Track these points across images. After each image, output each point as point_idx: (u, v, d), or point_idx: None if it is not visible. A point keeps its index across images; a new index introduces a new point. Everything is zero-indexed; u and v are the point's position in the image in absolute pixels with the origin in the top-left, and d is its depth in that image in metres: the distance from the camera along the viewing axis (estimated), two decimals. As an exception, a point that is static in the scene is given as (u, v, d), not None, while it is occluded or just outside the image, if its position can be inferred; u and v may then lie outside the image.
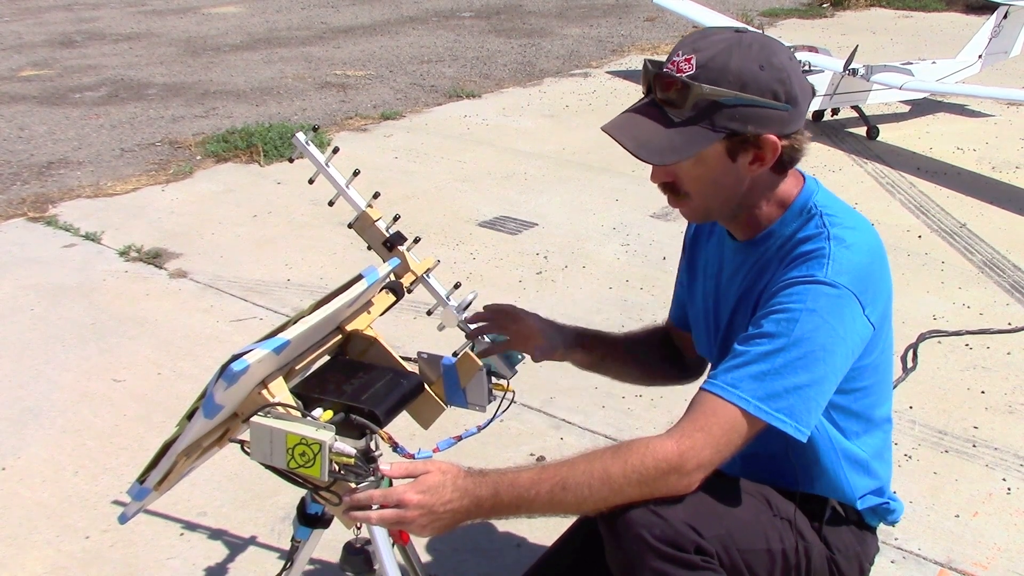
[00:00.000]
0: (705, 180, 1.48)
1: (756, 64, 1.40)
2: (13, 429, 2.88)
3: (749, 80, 1.40)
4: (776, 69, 1.42)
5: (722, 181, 1.48)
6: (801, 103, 1.46)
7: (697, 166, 1.46)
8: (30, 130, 6.33)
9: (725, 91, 1.39)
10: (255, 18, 10.82)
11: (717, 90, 1.39)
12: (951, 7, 11.12)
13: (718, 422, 1.39)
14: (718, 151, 1.44)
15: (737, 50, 1.41)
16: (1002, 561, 2.28)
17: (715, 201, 1.51)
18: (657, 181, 1.52)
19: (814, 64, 5.88)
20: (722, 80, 1.39)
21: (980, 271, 3.99)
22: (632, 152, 1.43)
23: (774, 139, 1.43)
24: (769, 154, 1.45)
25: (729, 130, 1.41)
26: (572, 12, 11.15)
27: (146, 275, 4.03)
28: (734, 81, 1.39)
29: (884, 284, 1.50)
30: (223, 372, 1.33)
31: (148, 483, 1.48)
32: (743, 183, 1.49)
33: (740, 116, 1.41)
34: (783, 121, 1.44)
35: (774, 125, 1.43)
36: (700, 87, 1.39)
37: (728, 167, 1.46)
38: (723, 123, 1.41)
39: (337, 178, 1.83)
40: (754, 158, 1.46)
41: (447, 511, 1.38)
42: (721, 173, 1.47)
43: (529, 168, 5.42)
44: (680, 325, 1.91)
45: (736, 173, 1.47)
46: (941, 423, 2.87)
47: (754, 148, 1.44)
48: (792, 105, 1.44)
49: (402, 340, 3.12)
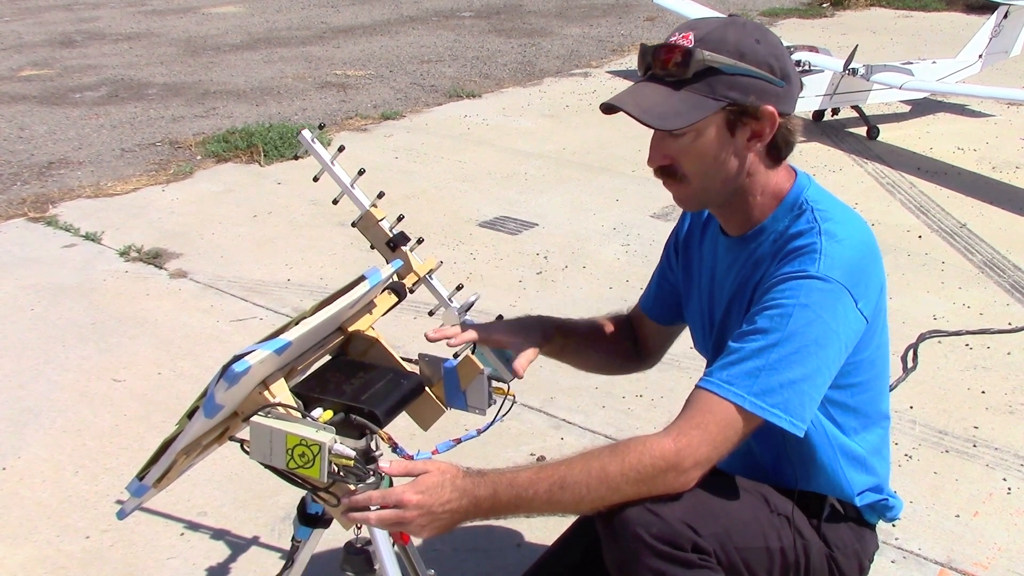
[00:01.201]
0: (705, 156, 1.48)
1: (752, 39, 1.44)
2: (13, 429, 2.89)
3: (747, 51, 1.43)
4: (771, 45, 1.46)
5: (721, 158, 1.48)
6: (794, 84, 1.48)
7: (697, 142, 1.46)
8: (30, 130, 6.33)
9: (724, 59, 1.42)
10: (255, 18, 10.82)
11: (717, 57, 1.42)
12: (951, 7, 11.13)
13: (714, 419, 1.40)
14: (718, 124, 1.45)
15: (733, 27, 1.45)
16: (1002, 561, 2.28)
17: (713, 181, 1.51)
18: (655, 164, 1.53)
19: (814, 64, 5.88)
20: (721, 49, 1.42)
21: (980, 271, 3.99)
22: (636, 117, 1.44)
23: (773, 111, 1.45)
24: (767, 128, 1.46)
25: (729, 99, 1.43)
26: (572, 12, 11.15)
27: (146, 275, 4.03)
28: (732, 51, 1.42)
29: (876, 277, 1.51)
30: (224, 372, 1.33)
31: (147, 480, 1.48)
32: (742, 163, 1.49)
33: (740, 85, 1.43)
34: (779, 96, 1.46)
35: (772, 98, 1.45)
36: (701, 52, 1.42)
37: (727, 141, 1.47)
38: (723, 91, 1.43)
39: (342, 176, 1.83)
40: (752, 134, 1.47)
41: (446, 511, 1.38)
42: (720, 148, 1.47)
43: (529, 168, 5.42)
44: (650, 314, 1.90)
45: (735, 149, 1.48)
46: (941, 423, 2.87)
47: (753, 121, 1.46)
48: (786, 82, 1.46)
49: (402, 340, 3.12)
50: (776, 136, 1.48)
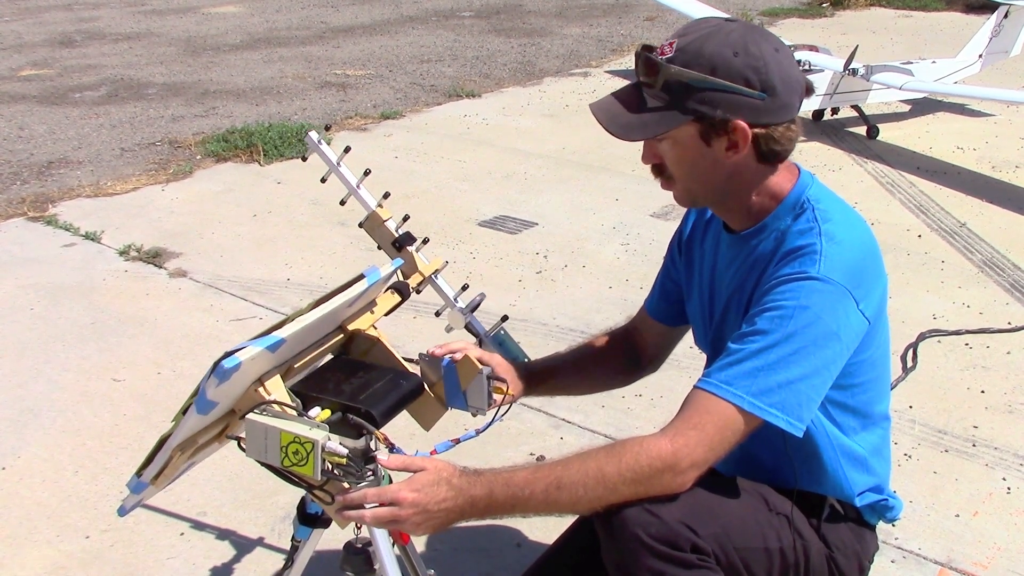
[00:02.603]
0: (684, 163, 1.51)
1: (730, 50, 1.42)
2: (13, 429, 2.89)
3: (720, 64, 1.42)
4: (752, 57, 1.42)
5: (700, 164, 1.50)
6: (782, 94, 1.44)
7: (674, 148, 1.49)
8: (30, 130, 6.33)
9: (694, 73, 1.42)
10: (255, 18, 10.82)
11: (684, 72, 1.42)
12: (951, 7, 11.12)
13: (712, 420, 1.40)
14: (691, 134, 1.46)
15: (716, 36, 1.43)
16: (1002, 561, 2.28)
17: (696, 184, 1.53)
18: (647, 163, 1.56)
19: (814, 64, 5.88)
20: (693, 63, 1.42)
21: (980, 270, 3.99)
22: (603, 126, 1.49)
23: (743, 125, 1.44)
24: (740, 141, 1.45)
25: (698, 112, 1.43)
26: (572, 12, 11.15)
27: (146, 275, 4.03)
28: (705, 64, 1.42)
29: (878, 278, 1.51)
30: (215, 369, 1.33)
31: (144, 477, 1.48)
32: (722, 169, 1.49)
33: (709, 100, 1.43)
34: (756, 109, 1.44)
35: (744, 112, 1.43)
36: (668, 68, 1.43)
37: (703, 151, 1.48)
38: (692, 106, 1.43)
39: (349, 177, 1.83)
40: (728, 144, 1.47)
41: (441, 510, 1.38)
42: (698, 156, 1.48)
43: (529, 168, 5.42)
44: (655, 315, 1.89)
45: (713, 158, 1.48)
46: (941, 422, 2.87)
47: (726, 134, 1.46)
48: (768, 94, 1.43)
49: (403, 340, 3.12)
50: (758, 145, 1.47)
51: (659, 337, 1.92)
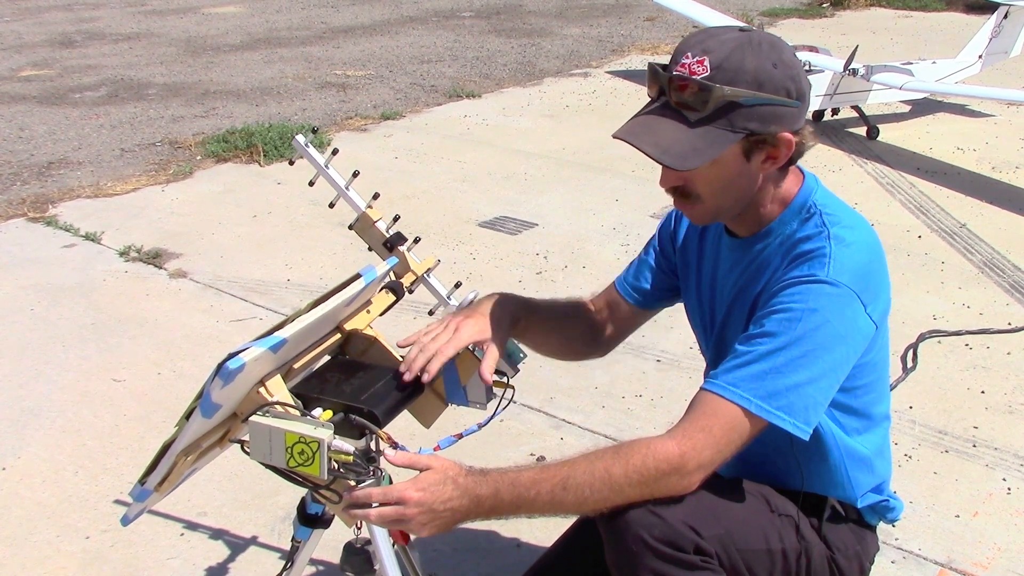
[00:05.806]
0: (721, 182, 1.47)
1: (769, 63, 1.40)
2: (13, 429, 2.88)
3: (765, 79, 1.39)
4: (787, 66, 1.42)
5: (737, 182, 1.48)
6: (808, 98, 1.48)
7: (713, 168, 1.44)
8: (30, 130, 6.33)
9: (744, 91, 1.39)
10: (255, 18, 10.82)
11: (736, 91, 1.38)
12: (951, 7, 11.12)
13: (719, 422, 1.39)
14: (735, 152, 1.44)
15: (749, 49, 1.40)
16: (1002, 561, 2.28)
17: (727, 201, 1.51)
18: (667, 186, 1.51)
19: (814, 64, 5.88)
20: (739, 80, 1.38)
21: (980, 271, 3.99)
22: (655, 159, 1.41)
23: (790, 137, 1.44)
24: (783, 152, 1.45)
25: (748, 130, 1.41)
26: (572, 12, 11.15)
27: (146, 275, 4.03)
28: (751, 81, 1.39)
29: (884, 282, 1.51)
30: (219, 370, 1.32)
31: (149, 484, 1.47)
32: (755, 183, 1.49)
33: (758, 116, 1.41)
34: (795, 118, 1.45)
35: (788, 122, 1.44)
36: (721, 88, 1.38)
37: (743, 167, 1.46)
38: (742, 123, 1.40)
39: (337, 179, 1.83)
40: (767, 157, 1.46)
41: (447, 509, 1.38)
42: (737, 174, 1.46)
43: (529, 168, 5.42)
44: (630, 297, 1.85)
45: (750, 173, 1.47)
46: (941, 423, 2.87)
47: (769, 147, 1.45)
48: (801, 101, 1.45)
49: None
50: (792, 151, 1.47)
51: (626, 319, 1.87)
